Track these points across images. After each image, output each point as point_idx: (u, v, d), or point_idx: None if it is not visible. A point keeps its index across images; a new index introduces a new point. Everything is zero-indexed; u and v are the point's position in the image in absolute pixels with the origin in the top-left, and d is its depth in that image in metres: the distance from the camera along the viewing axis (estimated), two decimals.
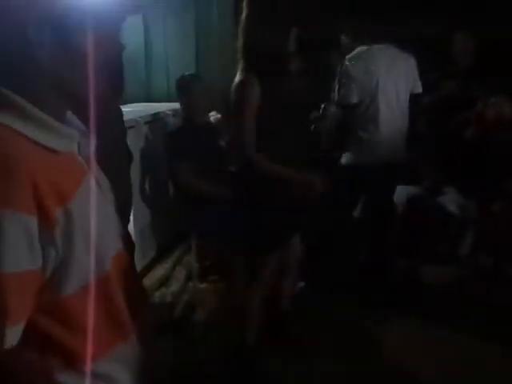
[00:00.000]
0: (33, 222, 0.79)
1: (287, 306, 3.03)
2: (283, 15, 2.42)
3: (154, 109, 4.31)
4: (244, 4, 2.47)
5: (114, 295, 0.97)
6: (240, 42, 2.48)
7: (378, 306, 3.41)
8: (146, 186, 3.87)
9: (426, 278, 3.85)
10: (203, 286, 3.78)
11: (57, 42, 0.85)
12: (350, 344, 3.08)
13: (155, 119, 4.07)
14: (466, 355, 2.97)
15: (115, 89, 2.32)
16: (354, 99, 3.39)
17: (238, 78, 2.45)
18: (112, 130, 2.37)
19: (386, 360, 2.96)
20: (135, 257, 2.66)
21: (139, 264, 3.52)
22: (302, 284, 3.54)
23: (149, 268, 3.88)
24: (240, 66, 2.47)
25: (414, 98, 3.57)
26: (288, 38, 2.50)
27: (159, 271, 3.90)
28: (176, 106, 4.56)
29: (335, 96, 3.53)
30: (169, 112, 4.28)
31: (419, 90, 3.56)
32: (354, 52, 3.45)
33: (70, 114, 0.98)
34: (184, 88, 3.70)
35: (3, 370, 0.82)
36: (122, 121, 2.72)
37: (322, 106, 4.07)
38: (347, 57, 3.44)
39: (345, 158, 3.55)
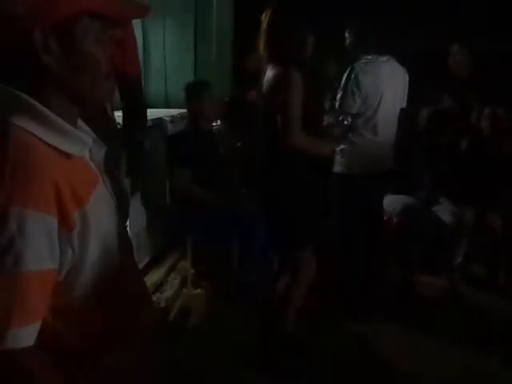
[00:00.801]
0: (54, 223, 0.82)
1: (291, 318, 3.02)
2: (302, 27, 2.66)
3: (152, 115, 4.32)
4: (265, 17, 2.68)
5: (120, 295, 0.98)
6: (264, 51, 2.69)
7: (371, 316, 3.44)
8: (143, 191, 3.88)
9: (419, 287, 3.87)
10: (198, 291, 3.79)
11: (62, 48, 0.87)
12: (344, 353, 3.09)
13: (153, 125, 4.08)
14: (460, 364, 2.99)
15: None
16: (354, 109, 3.43)
17: (278, 71, 2.60)
18: (110, 134, 2.39)
19: (379, 368, 2.96)
20: None
21: None
22: None
23: (144, 273, 3.88)
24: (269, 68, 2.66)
25: (400, 112, 3.65)
26: (305, 47, 2.68)
27: (154, 276, 3.90)
28: (174, 112, 4.58)
29: (337, 102, 3.56)
30: (167, 118, 4.29)
31: (404, 105, 3.66)
32: (363, 61, 3.48)
33: (79, 120, 0.99)
34: (193, 93, 3.74)
35: (19, 370, 0.83)
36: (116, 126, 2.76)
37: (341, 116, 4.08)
38: (355, 67, 3.46)
39: (339, 166, 3.57)
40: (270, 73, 2.66)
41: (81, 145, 0.93)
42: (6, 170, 0.78)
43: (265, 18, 2.67)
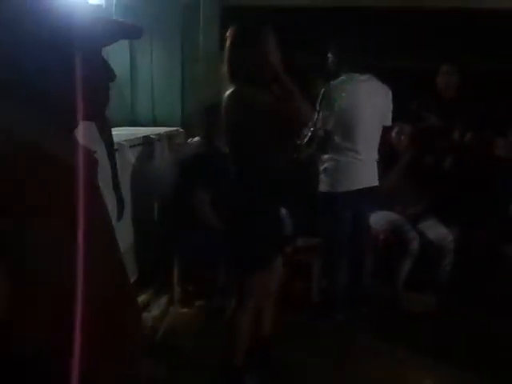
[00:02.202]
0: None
1: (269, 330, 3.02)
2: (262, 41, 2.55)
3: (139, 133, 4.33)
4: (228, 35, 2.62)
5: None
6: (226, 69, 2.61)
7: (357, 332, 3.45)
8: (130, 209, 3.87)
9: (405, 303, 3.89)
10: (185, 310, 3.77)
11: (65, 64, 0.89)
12: (333, 366, 3.09)
13: (140, 143, 4.09)
14: (447, 380, 3.00)
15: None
16: (330, 126, 3.47)
17: (230, 91, 2.56)
18: None
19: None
20: None
21: None
22: None
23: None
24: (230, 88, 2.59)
25: (384, 130, 3.69)
26: (266, 64, 2.55)
27: (141, 295, 3.88)
28: (161, 130, 4.60)
29: (316, 120, 3.59)
30: (154, 136, 4.30)
31: (389, 123, 3.69)
32: (339, 80, 3.52)
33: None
34: (211, 115, 3.75)
35: None
36: None
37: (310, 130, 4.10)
38: (331, 83, 3.51)
39: (323, 184, 3.60)
40: (227, 92, 2.60)
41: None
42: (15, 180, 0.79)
43: (228, 35, 2.63)
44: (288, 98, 2.55)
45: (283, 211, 3.97)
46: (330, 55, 3.64)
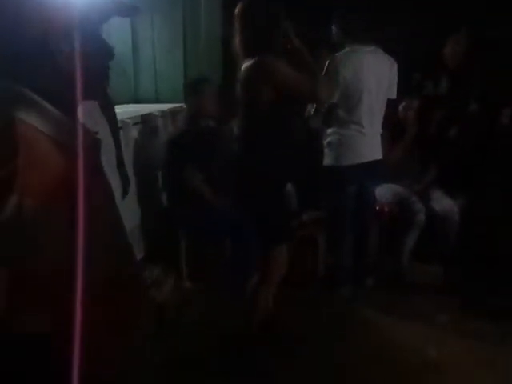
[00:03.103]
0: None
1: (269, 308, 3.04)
2: (274, 16, 2.64)
3: (142, 110, 4.32)
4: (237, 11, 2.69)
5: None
6: (238, 43, 2.69)
7: (361, 304, 3.51)
8: (136, 187, 3.89)
9: (411, 275, 3.91)
10: (193, 286, 3.81)
11: (72, 49, 0.89)
12: (338, 340, 3.12)
13: (144, 120, 4.09)
14: (451, 352, 3.02)
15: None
16: (335, 99, 3.44)
17: (252, 62, 2.59)
18: None
19: (370, 359, 2.99)
20: None
21: None
22: None
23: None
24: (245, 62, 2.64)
25: (389, 103, 3.67)
26: (280, 34, 2.65)
27: (148, 272, 3.91)
28: (164, 107, 4.59)
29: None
30: (157, 113, 4.30)
31: (394, 96, 3.65)
32: (344, 51, 3.48)
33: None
34: (192, 91, 3.74)
35: None
36: None
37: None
38: (337, 55, 3.47)
39: (328, 158, 3.59)
40: (246, 64, 2.64)
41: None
42: (14, 163, 0.79)
43: (238, 9, 2.69)
44: (307, 71, 2.64)
45: (288, 186, 3.99)
46: (333, 27, 3.59)
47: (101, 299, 0.94)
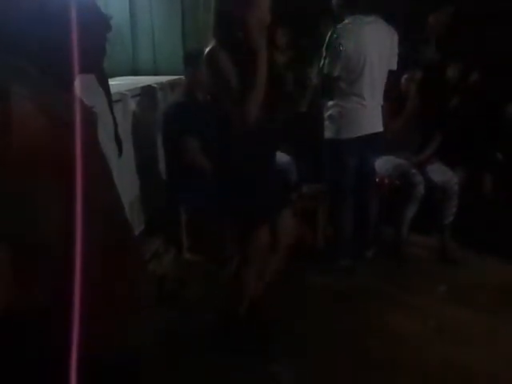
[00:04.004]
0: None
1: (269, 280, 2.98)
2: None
3: (141, 82, 4.29)
4: None
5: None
6: (212, 19, 2.48)
7: (359, 275, 3.56)
8: (135, 160, 3.88)
9: (410, 246, 3.93)
10: (194, 258, 3.82)
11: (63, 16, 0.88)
12: (338, 311, 3.15)
13: (142, 92, 4.06)
14: (448, 322, 3.05)
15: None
16: (336, 72, 3.41)
17: (207, 50, 2.41)
18: None
19: (367, 329, 3.02)
20: None
21: None
22: None
23: (139, 241, 3.90)
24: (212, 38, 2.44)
25: (390, 74, 3.62)
26: (251, 15, 2.33)
27: (148, 245, 3.93)
28: (163, 79, 4.55)
29: (323, 65, 3.53)
30: (155, 85, 4.26)
31: (394, 67, 3.61)
32: (345, 22, 3.44)
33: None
34: (191, 62, 3.70)
35: None
36: None
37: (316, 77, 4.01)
38: (338, 26, 3.42)
39: (328, 131, 3.58)
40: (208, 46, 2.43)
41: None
42: (9, 138, 0.79)
43: None
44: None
45: (288, 158, 3.98)
46: None
47: (100, 273, 0.94)
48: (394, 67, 3.61)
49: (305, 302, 3.23)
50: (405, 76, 4.10)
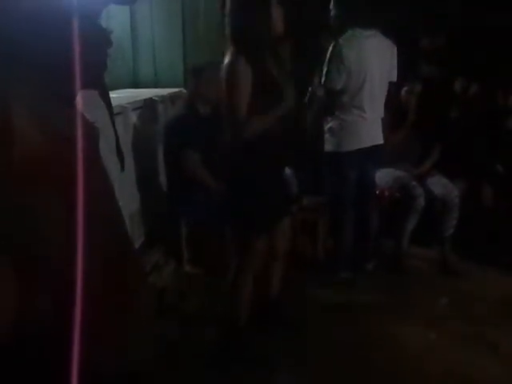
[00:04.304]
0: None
1: (276, 290, 3.06)
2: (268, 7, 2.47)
3: (142, 95, 4.30)
4: None
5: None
6: (227, 29, 2.52)
7: (360, 287, 3.55)
8: (135, 172, 3.89)
9: (410, 258, 3.93)
10: (194, 271, 3.82)
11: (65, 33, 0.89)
12: (338, 324, 3.13)
13: (143, 105, 4.07)
14: (450, 335, 3.04)
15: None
16: (339, 85, 3.43)
17: (229, 62, 2.46)
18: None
19: (368, 341, 3.01)
20: None
21: None
22: None
23: (140, 254, 3.90)
24: (229, 50, 2.50)
25: (390, 86, 3.65)
26: (269, 22, 2.48)
27: (149, 257, 3.92)
28: (163, 92, 4.57)
29: (323, 78, 3.54)
30: (156, 98, 4.28)
31: (394, 79, 3.64)
32: (346, 36, 3.46)
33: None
34: (193, 75, 3.73)
35: None
36: None
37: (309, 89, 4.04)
38: (340, 41, 3.44)
39: (329, 144, 3.59)
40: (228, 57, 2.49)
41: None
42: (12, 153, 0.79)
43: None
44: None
45: (288, 171, 3.98)
46: (332, 11, 3.56)
47: (100, 285, 0.95)
48: (394, 79, 3.64)
49: (305, 313, 3.22)
50: (404, 88, 4.13)
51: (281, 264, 2.99)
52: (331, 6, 3.56)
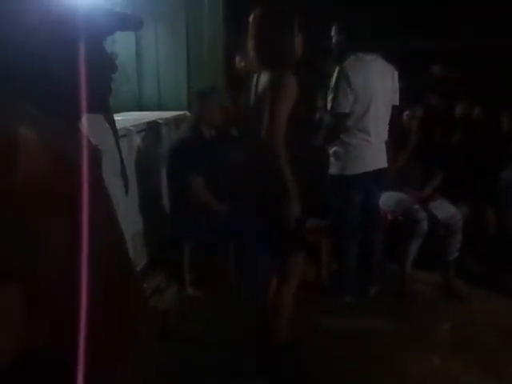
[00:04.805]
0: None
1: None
2: (292, 27, 2.58)
3: (146, 117, 4.34)
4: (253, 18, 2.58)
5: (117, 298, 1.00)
6: (254, 54, 2.59)
7: (364, 311, 3.52)
8: (139, 194, 3.90)
9: (413, 282, 3.91)
10: (196, 294, 3.80)
11: (70, 58, 0.90)
12: (340, 347, 3.11)
13: (147, 128, 4.10)
14: (452, 360, 3.01)
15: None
16: (348, 108, 3.45)
17: (274, 77, 2.51)
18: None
19: (373, 367, 2.98)
20: None
21: None
22: None
23: (141, 276, 3.89)
24: (264, 73, 2.57)
25: (393, 111, 3.68)
26: (295, 47, 2.59)
27: (151, 279, 3.91)
28: (167, 114, 4.60)
29: (329, 102, 3.56)
30: (160, 121, 4.31)
31: (397, 102, 3.67)
32: (351, 59, 3.49)
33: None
34: (197, 99, 3.76)
35: None
36: None
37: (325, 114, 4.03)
38: (345, 65, 3.47)
39: (334, 168, 3.60)
40: (264, 77, 2.57)
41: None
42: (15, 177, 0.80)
43: (253, 21, 2.57)
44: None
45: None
46: (334, 36, 3.60)
47: (101, 310, 0.94)
48: (397, 102, 3.66)
49: (306, 338, 3.20)
50: (406, 113, 4.15)
51: (291, 290, 2.88)
52: (333, 32, 3.61)
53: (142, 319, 1.13)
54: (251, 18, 2.58)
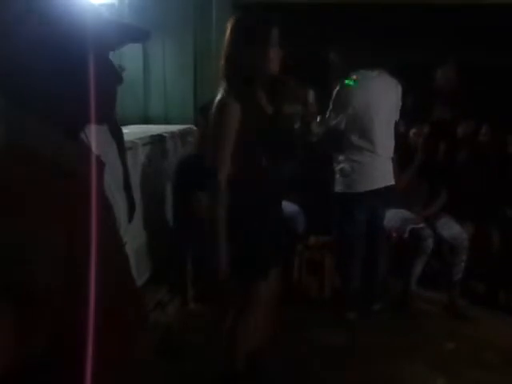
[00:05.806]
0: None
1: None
2: (262, 39, 2.35)
3: (151, 131, 4.34)
4: (227, 28, 2.44)
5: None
6: (222, 65, 2.43)
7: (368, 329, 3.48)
8: (143, 208, 3.89)
9: (418, 302, 3.87)
10: (198, 308, 3.78)
11: (73, 68, 0.89)
12: (345, 365, 3.07)
13: (153, 141, 4.10)
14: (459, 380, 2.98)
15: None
16: (343, 125, 3.44)
17: (218, 99, 2.35)
18: None
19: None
20: None
21: None
22: None
23: (144, 289, 3.87)
24: (222, 87, 2.38)
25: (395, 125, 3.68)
26: (267, 61, 2.34)
27: (154, 293, 3.89)
28: (173, 128, 4.61)
29: (329, 118, 3.56)
30: (166, 134, 4.31)
31: (397, 117, 3.67)
32: (353, 77, 3.49)
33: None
34: (204, 114, 3.77)
35: None
36: None
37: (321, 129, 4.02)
38: (346, 82, 3.48)
39: (340, 185, 3.58)
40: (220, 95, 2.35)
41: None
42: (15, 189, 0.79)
43: (228, 27, 2.41)
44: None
45: (294, 208, 3.96)
46: (332, 56, 3.60)
47: (100, 325, 0.93)
48: (397, 118, 3.65)
49: (307, 354, 3.17)
50: (413, 130, 4.14)
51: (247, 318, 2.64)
52: (334, 51, 3.61)
53: (142, 337, 1.11)
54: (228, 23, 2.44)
